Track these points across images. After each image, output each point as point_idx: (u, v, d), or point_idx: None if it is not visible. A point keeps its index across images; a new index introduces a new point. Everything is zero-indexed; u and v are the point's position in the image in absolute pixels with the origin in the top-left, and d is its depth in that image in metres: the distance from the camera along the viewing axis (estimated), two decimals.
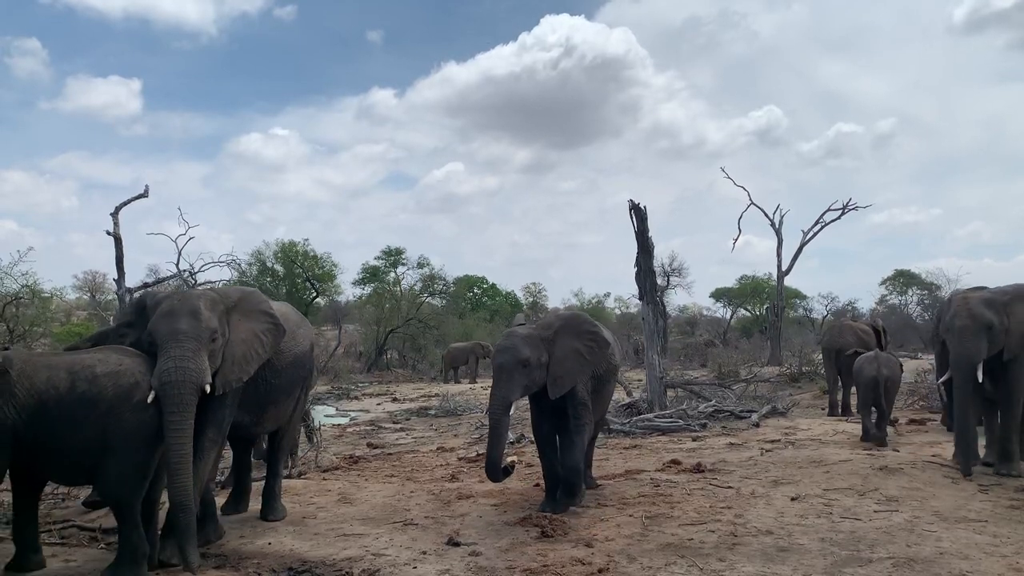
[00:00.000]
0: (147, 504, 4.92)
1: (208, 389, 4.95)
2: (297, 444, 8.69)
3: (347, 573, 4.97)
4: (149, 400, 4.75)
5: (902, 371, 10.40)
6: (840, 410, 12.75)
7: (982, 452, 7.84)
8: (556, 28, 62.18)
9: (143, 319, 5.27)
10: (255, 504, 6.55)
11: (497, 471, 6.20)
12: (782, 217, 17.97)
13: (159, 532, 5.14)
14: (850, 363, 11.32)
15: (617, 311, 38.74)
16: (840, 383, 13.03)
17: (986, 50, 62.15)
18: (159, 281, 18.50)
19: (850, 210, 18.09)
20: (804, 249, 18.17)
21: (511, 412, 6.26)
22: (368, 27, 74.04)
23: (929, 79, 67.12)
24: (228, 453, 6.74)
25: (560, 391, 6.38)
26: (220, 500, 6.38)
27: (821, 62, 67.99)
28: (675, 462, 8.38)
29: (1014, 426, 7.51)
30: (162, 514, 5.16)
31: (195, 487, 5.01)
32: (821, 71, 66.74)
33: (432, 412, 16.20)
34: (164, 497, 4.98)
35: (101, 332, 5.76)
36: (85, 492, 7.53)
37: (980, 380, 7.33)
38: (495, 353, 6.49)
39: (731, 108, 74.85)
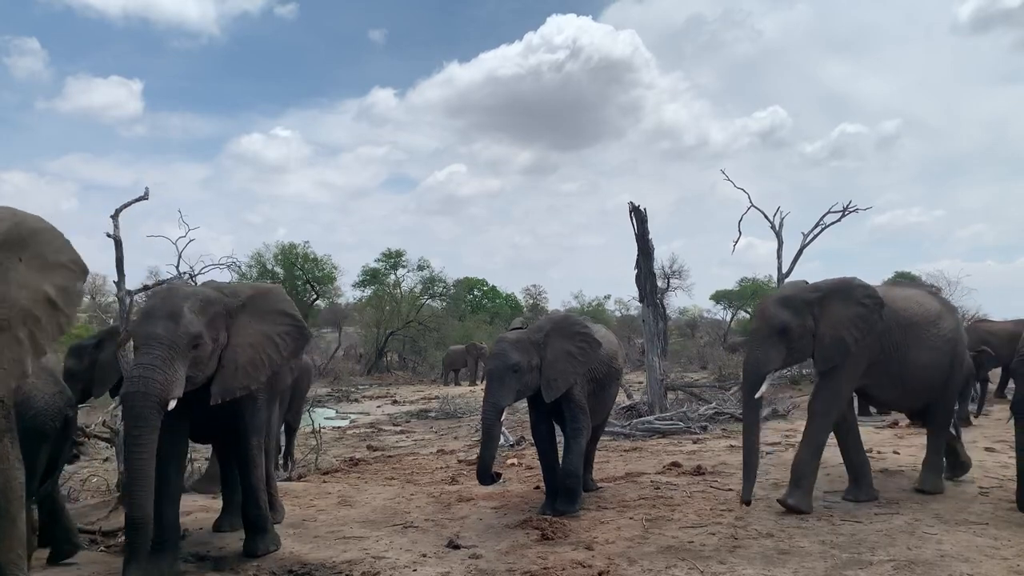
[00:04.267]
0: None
1: (172, 404, 4.46)
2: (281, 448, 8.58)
3: (347, 575, 4.96)
4: (112, 409, 4.59)
5: None
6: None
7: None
8: (563, 28, 62.15)
9: None
10: None
11: (487, 475, 6.24)
12: (782, 219, 17.94)
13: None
14: None
15: (617, 313, 38.74)
16: None
17: (991, 50, 62.19)
18: (159, 283, 18.46)
19: (850, 212, 18.03)
20: (805, 251, 18.11)
21: (503, 417, 6.27)
22: (371, 26, 74.07)
23: (934, 79, 67.20)
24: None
25: (555, 394, 6.37)
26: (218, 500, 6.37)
27: (825, 62, 68.10)
28: (675, 464, 8.38)
29: (812, 446, 6.38)
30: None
31: (260, 494, 5.09)
32: (825, 71, 66.82)
33: (432, 414, 16.21)
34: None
35: (107, 330, 5.82)
36: (85, 492, 7.53)
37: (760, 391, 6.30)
38: (488, 359, 6.51)
39: (734, 109, 75.02)
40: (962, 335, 7.11)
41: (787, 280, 18.26)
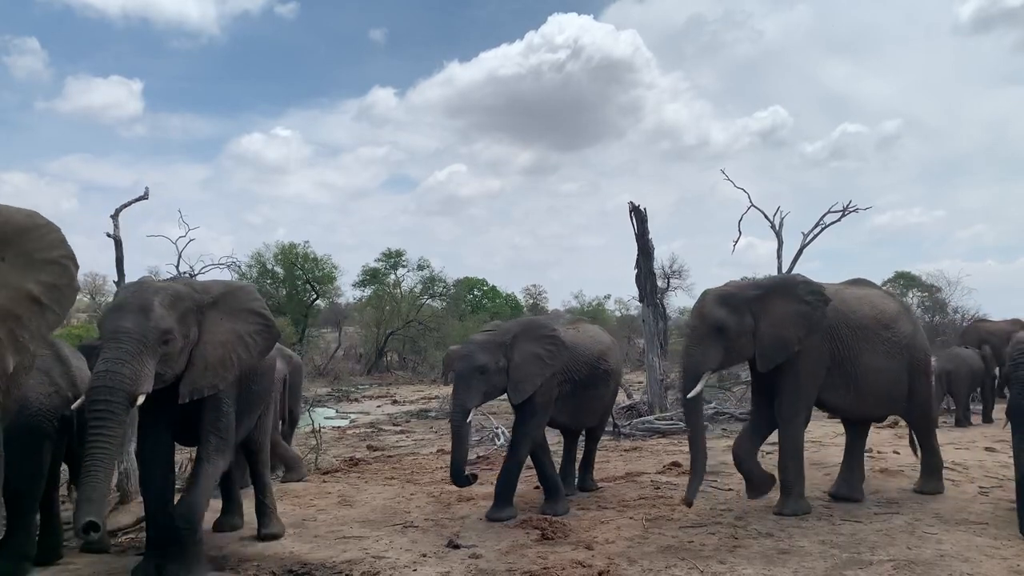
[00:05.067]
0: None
1: (141, 400, 4.32)
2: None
3: (347, 575, 4.96)
4: (74, 407, 4.46)
5: None
6: None
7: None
8: (564, 28, 61.85)
9: None
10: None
11: (461, 476, 6.26)
12: (782, 219, 17.89)
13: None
14: None
15: (617, 313, 38.66)
16: None
17: (992, 50, 62.04)
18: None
19: (850, 212, 17.99)
20: (805, 251, 18.06)
21: (469, 419, 6.28)
22: (371, 26, 74.00)
23: (934, 80, 67.04)
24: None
25: (521, 396, 6.35)
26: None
27: (826, 62, 67.94)
28: (675, 464, 8.37)
29: (790, 451, 6.22)
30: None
31: (199, 497, 4.80)
32: (826, 72, 66.67)
33: (432, 414, 16.20)
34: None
35: None
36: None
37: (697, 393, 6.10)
38: (456, 361, 6.50)
39: (735, 109, 74.89)
40: (920, 340, 6.82)
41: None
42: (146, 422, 4.89)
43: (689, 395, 6.10)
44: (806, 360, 6.19)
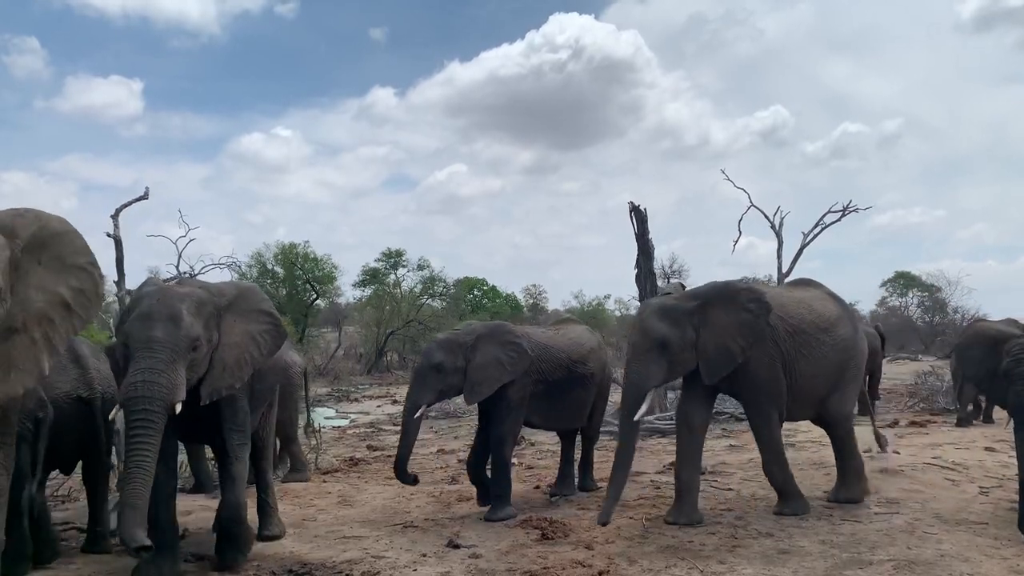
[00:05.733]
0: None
1: (179, 408, 4.45)
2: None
3: (347, 575, 4.96)
4: (112, 416, 4.54)
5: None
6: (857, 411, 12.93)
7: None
8: (565, 27, 61.77)
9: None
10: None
11: (404, 472, 6.36)
12: (782, 219, 17.93)
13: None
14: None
15: (617, 313, 38.68)
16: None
17: (994, 49, 62.16)
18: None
19: (850, 212, 18.04)
20: (806, 251, 18.11)
21: (418, 414, 6.32)
22: (371, 25, 73.96)
23: (936, 79, 67.13)
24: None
25: (477, 398, 6.40)
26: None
27: (827, 62, 68.05)
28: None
29: (771, 456, 6.15)
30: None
31: (239, 495, 5.05)
32: (827, 71, 66.74)
33: (432, 414, 16.16)
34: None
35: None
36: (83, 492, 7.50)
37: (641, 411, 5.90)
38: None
39: (736, 108, 74.88)
40: (860, 343, 6.62)
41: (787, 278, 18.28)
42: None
43: (635, 418, 5.87)
44: (760, 366, 5.99)
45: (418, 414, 6.33)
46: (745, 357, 5.92)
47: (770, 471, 6.18)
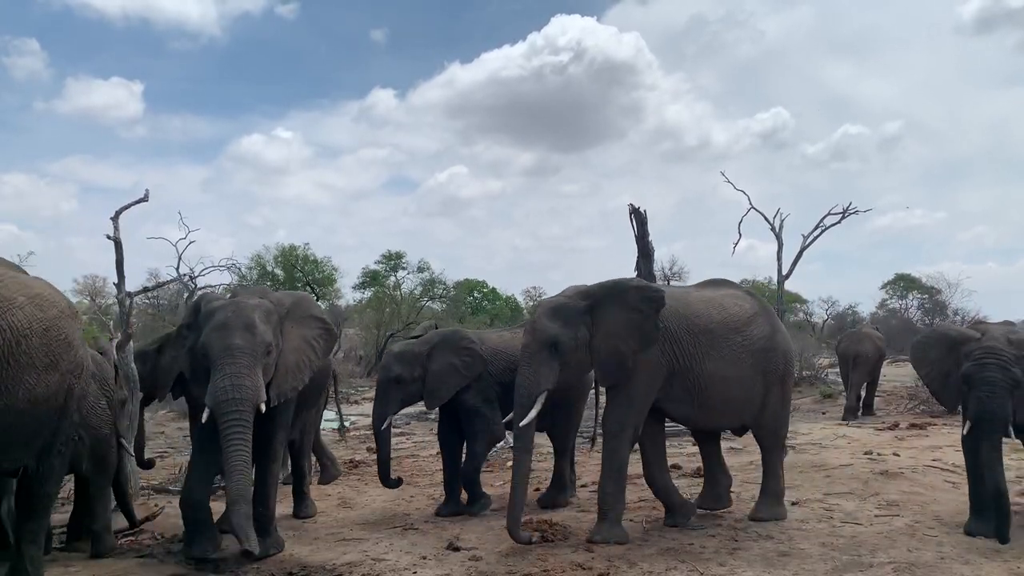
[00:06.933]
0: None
1: (264, 408, 4.87)
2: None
3: None
4: (203, 419, 4.82)
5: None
6: (858, 413, 13.07)
7: None
8: (567, 29, 61.69)
9: (199, 322, 5.16)
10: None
11: (387, 477, 6.81)
12: (782, 221, 17.91)
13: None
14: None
15: None
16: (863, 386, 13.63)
17: (995, 51, 61.88)
18: (159, 285, 18.45)
19: (850, 214, 18.02)
20: (806, 253, 18.07)
21: (385, 425, 6.75)
22: (372, 26, 73.82)
23: (936, 81, 66.80)
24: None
25: (436, 403, 6.76)
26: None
27: (828, 64, 67.77)
28: (675, 467, 8.37)
29: (609, 470, 5.65)
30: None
31: (271, 493, 5.47)
32: (828, 73, 66.49)
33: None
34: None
35: (167, 335, 6.22)
36: None
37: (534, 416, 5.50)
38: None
39: (736, 110, 74.82)
40: (781, 344, 6.20)
41: (785, 280, 18.28)
42: (208, 425, 4.93)
43: (523, 422, 5.48)
44: (636, 371, 5.62)
45: (385, 425, 6.75)
46: (636, 360, 5.59)
47: (602, 485, 5.67)
